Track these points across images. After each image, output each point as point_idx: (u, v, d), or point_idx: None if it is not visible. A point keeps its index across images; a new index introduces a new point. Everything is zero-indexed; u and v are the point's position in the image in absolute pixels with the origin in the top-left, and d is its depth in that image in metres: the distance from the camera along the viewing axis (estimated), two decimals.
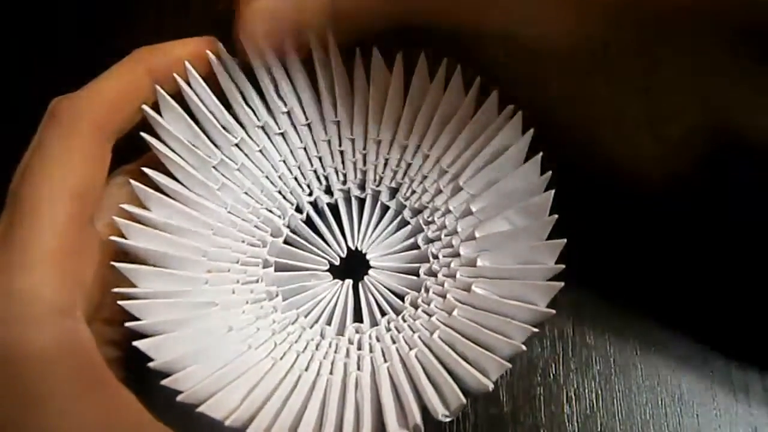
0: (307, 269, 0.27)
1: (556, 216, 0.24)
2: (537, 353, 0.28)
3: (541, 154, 0.24)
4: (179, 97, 0.25)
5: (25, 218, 0.21)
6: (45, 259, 0.21)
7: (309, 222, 0.28)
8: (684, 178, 0.29)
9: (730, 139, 0.27)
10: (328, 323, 0.26)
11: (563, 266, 0.23)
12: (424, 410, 0.23)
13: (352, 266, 0.27)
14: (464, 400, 0.22)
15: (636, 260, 0.29)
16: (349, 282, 0.27)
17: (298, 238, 0.27)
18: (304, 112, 0.27)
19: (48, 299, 0.21)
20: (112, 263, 0.24)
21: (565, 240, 0.23)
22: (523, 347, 0.22)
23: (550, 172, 0.24)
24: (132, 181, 0.25)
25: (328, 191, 0.28)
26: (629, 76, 0.25)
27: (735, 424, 0.27)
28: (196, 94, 0.25)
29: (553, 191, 0.24)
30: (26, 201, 0.22)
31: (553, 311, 0.23)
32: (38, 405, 0.20)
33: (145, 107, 0.25)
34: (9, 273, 0.21)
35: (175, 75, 0.25)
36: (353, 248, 0.27)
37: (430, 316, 0.25)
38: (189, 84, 0.25)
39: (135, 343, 0.23)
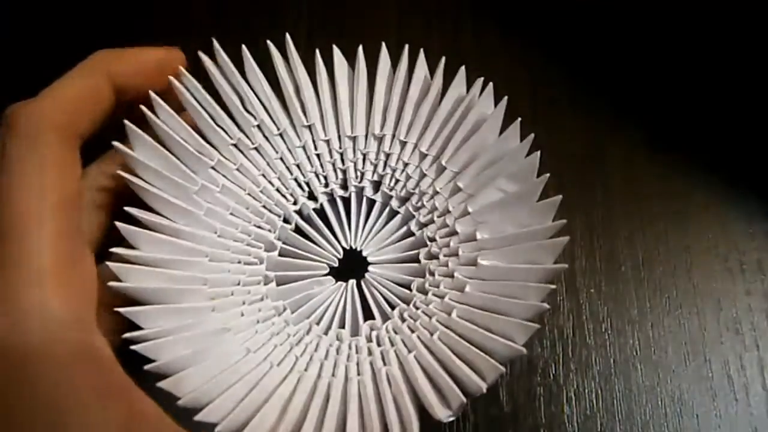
0: (308, 277, 0.27)
1: (547, 175, 0.24)
2: (537, 353, 0.28)
3: (519, 119, 0.25)
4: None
5: (13, 238, 0.21)
6: (45, 276, 0.21)
7: (299, 231, 0.28)
8: None
9: None
10: (342, 326, 0.26)
11: (564, 221, 0.24)
12: (464, 391, 0.23)
13: (352, 266, 0.27)
14: (502, 368, 0.22)
15: (636, 261, 0.29)
16: (352, 282, 0.27)
17: (293, 248, 0.27)
18: (275, 122, 0.27)
19: (58, 313, 0.21)
20: (116, 309, 0.23)
21: (560, 196, 0.24)
22: (545, 305, 0.23)
23: (532, 135, 0.24)
24: (117, 223, 0.24)
25: (312, 197, 0.28)
26: None
27: (735, 424, 0.27)
28: (165, 123, 0.25)
29: (538, 152, 0.24)
30: (9, 221, 0.21)
31: (565, 266, 0.23)
32: (60, 420, 0.19)
33: (117, 144, 0.24)
34: (13, 292, 0.20)
35: (141, 106, 0.24)
36: (348, 248, 0.27)
37: (442, 297, 0.25)
38: (156, 114, 0.25)
39: (158, 384, 0.22)
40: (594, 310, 0.29)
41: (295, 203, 0.27)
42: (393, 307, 0.26)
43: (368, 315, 0.26)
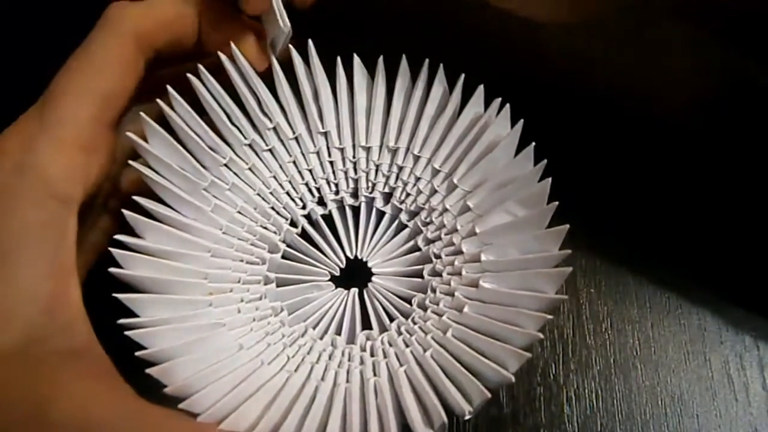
0: (308, 281, 0.27)
1: (557, 203, 0.24)
2: (537, 353, 0.28)
3: (533, 144, 0.24)
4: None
5: (53, 106, 0.23)
6: (60, 146, 0.22)
7: (305, 235, 0.28)
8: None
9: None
10: (338, 333, 0.26)
11: (569, 251, 0.23)
12: (449, 412, 0.22)
13: (353, 276, 0.27)
14: (488, 395, 0.22)
15: (636, 261, 0.29)
16: (354, 290, 0.27)
17: (296, 252, 0.27)
18: (291, 126, 0.27)
19: (51, 181, 0.22)
20: (114, 294, 0.23)
21: (567, 226, 0.23)
22: (540, 335, 0.22)
23: (545, 161, 0.24)
24: (124, 211, 0.24)
25: (321, 203, 0.28)
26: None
27: (735, 424, 0.27)
28: (181, 117, 0.25)
29: (550, 179, 0.24)
30: (59, 90, 0.23)
31: (565, 296, 0.23)
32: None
33: (131, 135, 0.24)
34: (25, 150, 0.22)
35: (158, 100, 0.25)
36: (352, 257, 0.27)
37: (440, 315, 0.25)
38: (173, 108, 0.25)
39: (147, 371, 0.22)
40: (594, 310, 0.29)
41: (303, 207, 0.28)
42: (392, 320, 0.26)
43: (366, 325, 0.26)
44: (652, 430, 0.27)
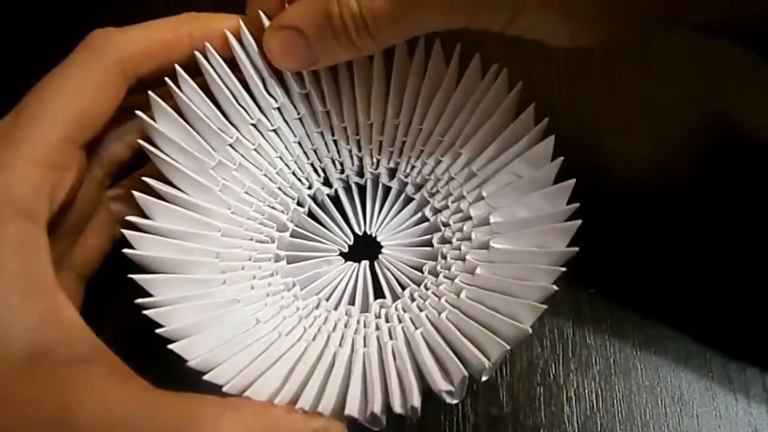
0: (317, 257, 0.27)
1: (561, 158, 0.24)
2: (537, 353, 0.28)
3: (533, 105, 0.25)
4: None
5: (24, 123, 0.22)
6: (27, 164, 0.22)
7: (312, 215, 0.28)
8: (682, 178, 0.29)
9: (730, 137, 0.28)
10: (351, 303, 0.26)
11: (577, 204, 0.24)
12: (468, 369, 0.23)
13: (362, 252, 0.27)
14: (507, 346, 0.22)
15: (635, 260, 0.29)
16: (365, 262, 0.27)
17: (305, 231, 0.27)
18: (295, 106, 0.27)
19: (17, 199, 0.22)
20: (130, 275, 0.23)
21: (573, 180, 0.24)
22: (555, 287, 0.23)
23: (547, 119, 0.25)
24: (134, 192, 0.24)
25: (327, 182, 0.28)
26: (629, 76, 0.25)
27: (735, 424, 0.27)
28: (188, 97, 0.25)
29: (553, 137, 0.24)
30: (31, 107, 0.23)
31: (576, 249, 0.23)
32: None
33: (140, 113, 0.25)
34: None
35: (166, 79, 0.25)
36: (361, 234, 0.27)
37: (452, 279, 0.25)
38: (180, 88, 0.25)
39: (170, 346, 0.22)
40: (594, 310, 0.29)
41: (309, 187, 0.28)
42: (404, 288, 0.26)
43: (379, 295, 0.26)
44: (652, 430, 0.27)
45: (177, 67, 0.25)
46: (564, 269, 0.23)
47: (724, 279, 0.29)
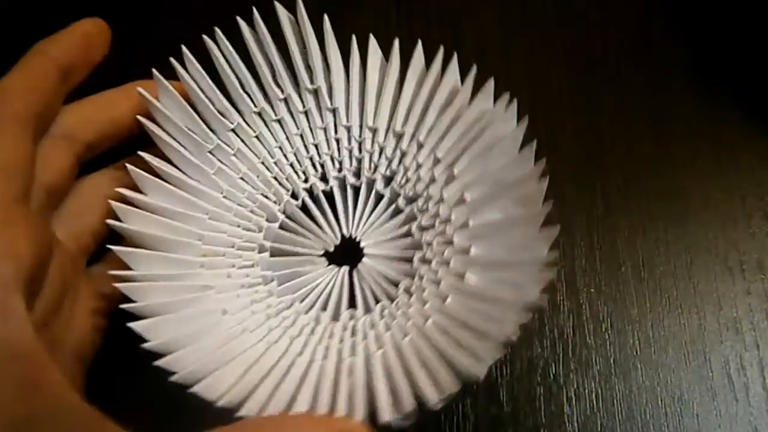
0: (302, 254, 0.27)
1: (551, 203, 0.24)
2: (537, 353, 0.28)
3: (535, 141, 0.24)
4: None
5: None
6: None
7: (304, 209, 0.28)
8: None
9: None
10: (324, 309, 0.26)
11: (556, 254, 0.23)
12: (418, 400, 0.23)
13: (346, 253, 0.27)
14: (457, 386, 0.22)
15: (636, 261, 0.29)
16: (345, 268, 0.27)
17: (294, 224, 0.27)
18: (301, 99, 0.27)
19: None
20: (109, 246, 0.24)
21: (558, 226, 0.23)
22: (514, 336, 0.23)
23: (544, 160, 0.24)
24: (128, 165, 0.25)
25: (324, 178, 0.28)
26: None
27: (735, 424, 0.27)
28: (193, 79, 0.25)
29: (546, 180, 0.24)
30: None
31: (545, 304, 0.23)
32: None
33: (142, 90, 0.25)
34: None
35: (171, 60, 0.25)
36: (347, 236, 0.28)
37: (424, 303, 0.25)
38: (186, 68, 0.25)
39: (129, 325, 0.23)
40: (594, 310, 0.29)
41: (306, 181, 0.28)
42: (378, 301, 0.26)
43: (352, 304, 0.26)
44: (652, 430, 0.27)
45: (183, 48, 0.25)
46: (528, 320, 0.23)
47: (725, 280, 0.29)
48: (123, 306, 0.23)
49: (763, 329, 0.28)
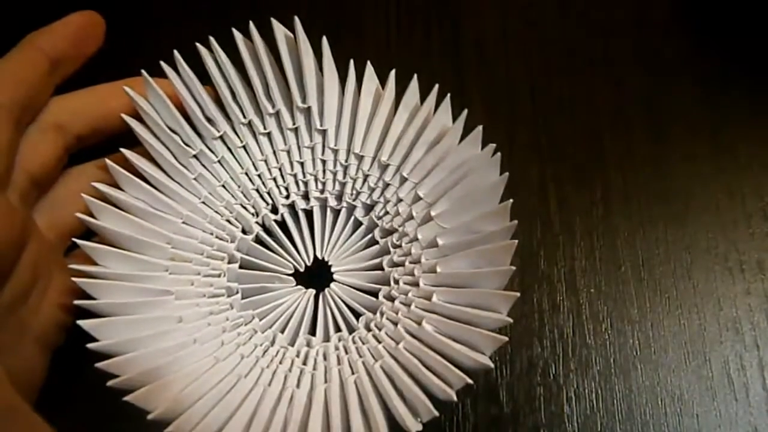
0: (271, 270, 0.27)
1: (513, 268, 0.23)
2: (537, 353, 0.28)
3: (511, 201, 0.24)
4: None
5: None
6: None
7: (282, 225, 0.28)
8: None
9: None
10: (282, 331, 0.26)
11: (511, 320, 0.23)
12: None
13: (316, 275, 0.27)
14: (435, 413, 0.22)
15: (636, 261, 0.29)
16: (311, 292, 0.27)
17: (268, 238, 0.27)
18: (292, 116, 0.27)
19: None
20: (74, 239, 0.24)
21: (518, 294, 0.23)
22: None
23: (516, 222, 0.24)
24: (107, 161, 0.25)
25: (306, 197, 0.28)
26: None
27: (735, 424, 0.27)
28: (184, 83, 0.25)
29: (516, 242, 0.23)
30: None
31: (491, 365, 0.23)
32: None
33: (128, 89, 0.25)
34: None
35: (162, 63, 0.25)
36: (320, 257, 0.27)
37: (378, 342, 0.25)
38: (177, 72, 0.25)
39: (79, 322, 0.23)
40: (594, 310, 0.29)
41: (287, 197, 0.28)
42: (338, 330, 0.26)
43: (312, 327, 0.26)
44: (652, 430, 0.27)
45: (175, 52, 0.25)
46: (471, 382, 0.22)
47: (725, 280, 0.29)
48: (77, 302, 0.23)
49: (763, 329, 0.28)
